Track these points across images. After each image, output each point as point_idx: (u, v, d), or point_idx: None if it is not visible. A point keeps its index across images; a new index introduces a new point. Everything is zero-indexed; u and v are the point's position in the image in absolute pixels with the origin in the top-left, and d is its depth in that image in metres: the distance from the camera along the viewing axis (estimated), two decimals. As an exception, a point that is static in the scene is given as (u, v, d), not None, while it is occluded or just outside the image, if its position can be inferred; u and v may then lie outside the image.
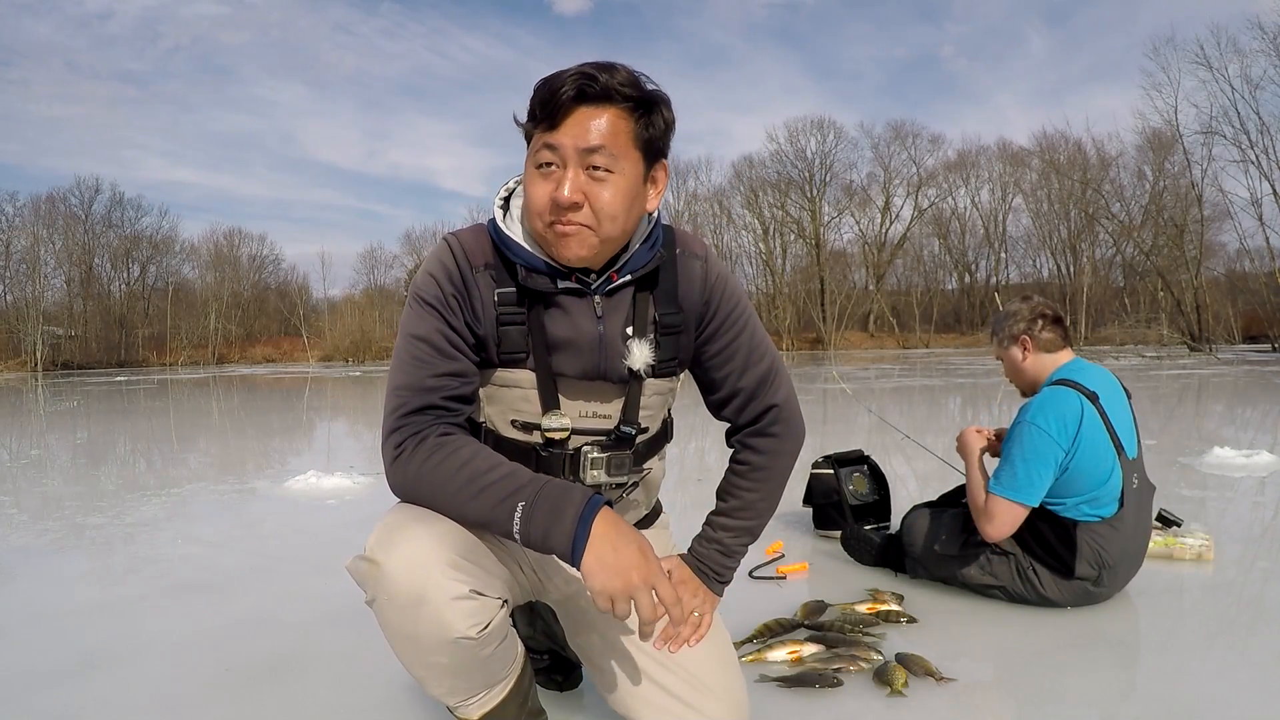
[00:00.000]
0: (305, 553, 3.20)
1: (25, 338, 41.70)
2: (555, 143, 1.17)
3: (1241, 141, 31.50)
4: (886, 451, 5.49)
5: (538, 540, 1.11)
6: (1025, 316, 2.39)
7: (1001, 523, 2.21)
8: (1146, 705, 1.71)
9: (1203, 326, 31.84)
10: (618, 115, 1.18)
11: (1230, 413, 8.39)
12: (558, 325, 1.29)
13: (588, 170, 1.18)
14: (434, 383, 1.23)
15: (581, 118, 1.16)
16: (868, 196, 50.19)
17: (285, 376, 25.93)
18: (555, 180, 1.18)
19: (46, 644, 2.21)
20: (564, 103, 1.15)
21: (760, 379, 1.42)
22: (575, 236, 1.20)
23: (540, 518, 1.10)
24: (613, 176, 1.19)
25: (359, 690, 1.84)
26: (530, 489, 1.12)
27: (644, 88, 1.20)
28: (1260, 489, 4.04)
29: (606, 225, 1.20)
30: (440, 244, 1.31)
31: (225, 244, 53.33)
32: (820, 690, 1.78)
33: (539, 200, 1.20)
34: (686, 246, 1.37)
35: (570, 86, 1.15)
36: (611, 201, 1.19)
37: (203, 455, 6.61)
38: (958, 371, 17.77)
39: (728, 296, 1.39)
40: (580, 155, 1.17)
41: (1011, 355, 2.43)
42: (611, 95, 1.16)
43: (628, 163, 1.20)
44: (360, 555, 1.19)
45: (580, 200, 1.18)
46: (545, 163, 1.19)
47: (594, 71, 1.16)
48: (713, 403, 1.48)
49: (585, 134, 1.16)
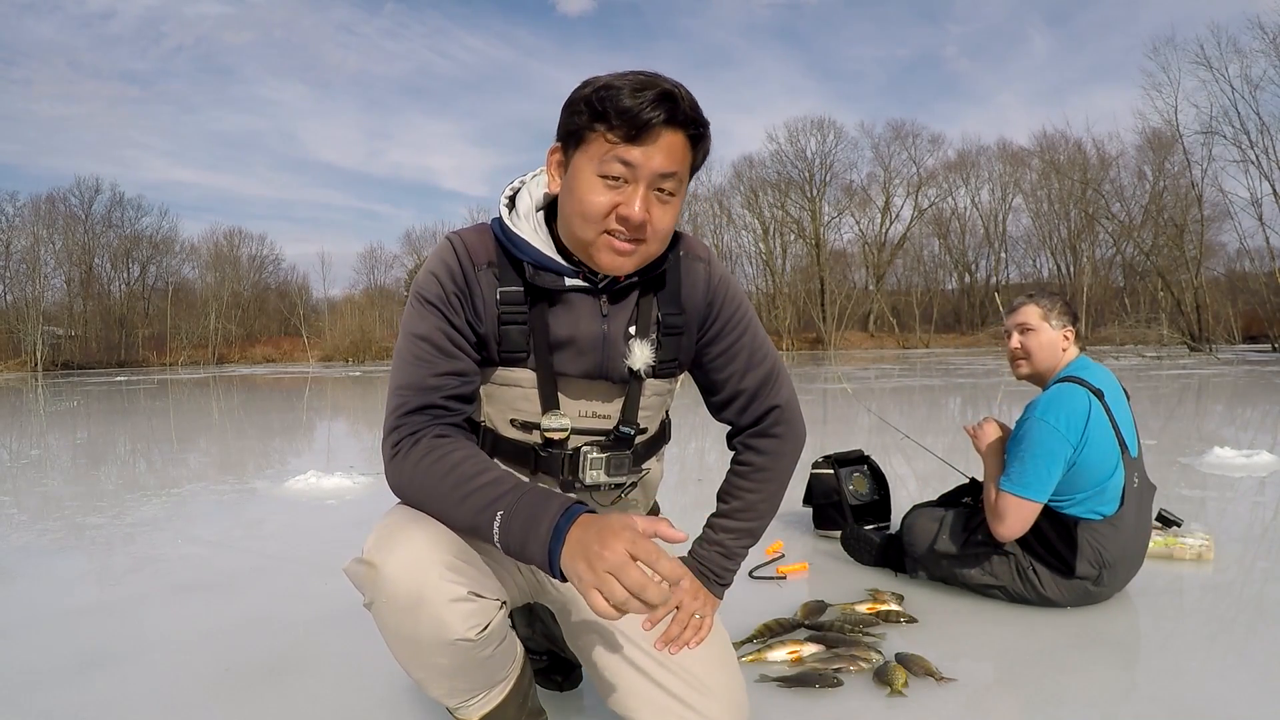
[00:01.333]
0: (305, 553, 3.20)
1: (25, 338, 41.69)
2: (633, 161, 1.16)
3: (1241, 141, 31.57)
4: (886, 451, 5.49)
5: (516, 550, 1.09)
6: (1074, 311, 2.41)
7: (1013, 521, 2.20)
8: (1146, 705, 1.71)
9: (1203, 326, 31.84)
10: (685, 142, 1.19)
11: (1230, 413, 8.39)
12: (561, 323, 1.29)
13: (655, 191, 1.19)
14: (435, 381, 1.23)
15: (666, 143, 1.16)
16: (868, 196, 50.25)
17: (285, 376, 25.93)
18: (623, 195, 1.18)
19: (46, 644, 2.21)
20: (652, 123, 1.14)
21: (762, 380, 1.43)
22: (632, 253, 1.21)
23: (518, 528, 1.08)
24: (674, 200, 1.21)
25: (359, 690, 1.84)
26: (510, 498, 1.10)
27: (704, 116, 1.21)
28: (1260, 489, 4.04)
29: (656, 245, 1.23)
30: (443, 243, 1.31)
31: (225, 244, 53.39)
32: (820, 690, 1.78)
33: (598, 208, 1.18)
34: (690, 249, 1.37)
35: (660, 109, 1.14)
36: (669, 224, 1.22)
37: (203, 455, 6.61)
38: (958, 371, 17.77)
39: (730, 299, 1.40)
40: (655, 178, 1.17)
41: (1052, 336, 2.36)
42: (688, 124, 1.18)
43: (684, 186, 1.23)
44: (358, 558, 1.19)
45: (648, 219, 1.19)
46: (615, 175, 1.17)
47: (675, 93, 1.15)
48: (714, 404, 1.49)
49: (667, 160, 1.17)
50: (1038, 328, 2.38)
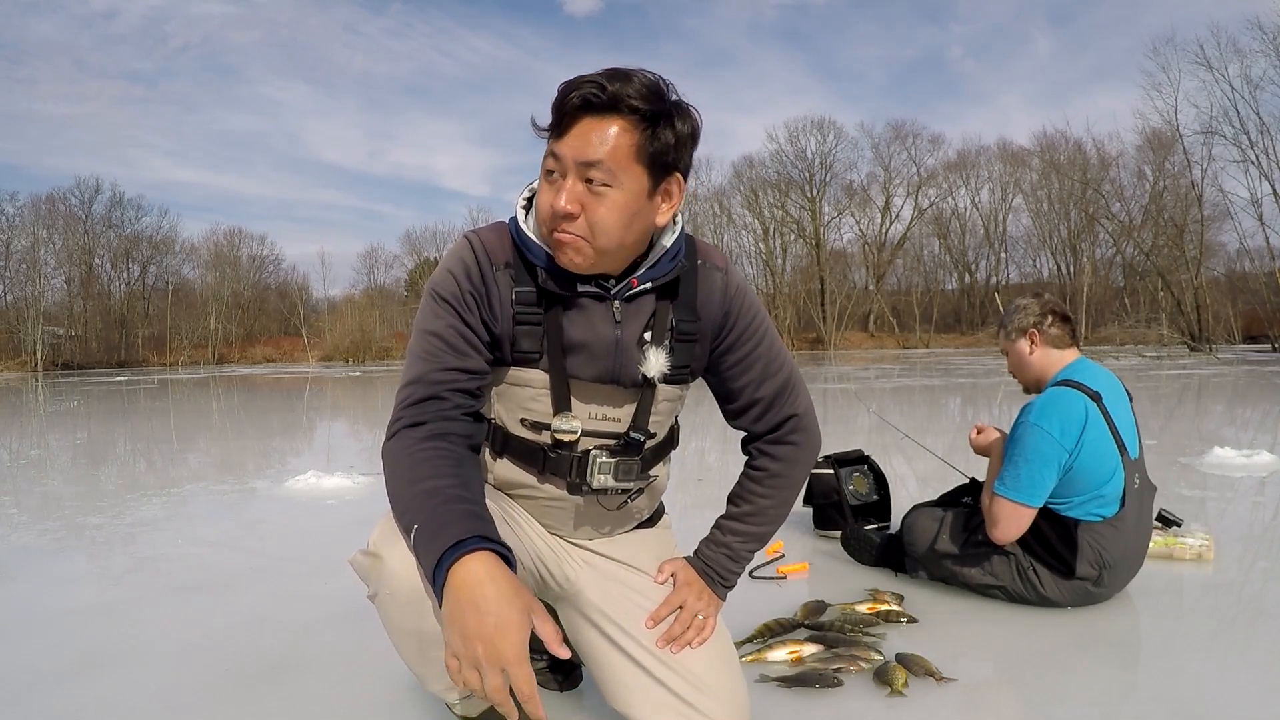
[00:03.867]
0: (305, 553, 3.20)
1: (25, 338, 41.69)
2: (558, 152, 1.16)
3: (1241, 141, 31.55)
4: (886, 451, 5.50)
5: (421, 566, 1.05)
6: (1035, 311, 2.39)
7: (1007, 525, 2.21)
8: (1146, 705, 1.71)
9: (1203, 326, 31.83)
10: (624, 127, 1.14)
11: (1230, 413, 8.39)
12: (575, 327, 1.28)
13: (586, 182, 1.16)
14: (443, 376, 1.22)
15: (584, 129, 1.14)
16: (868, 196, 50.25)
17: (285, 376, 25.93)
18: (557, 188, 1.18)
19: (47, 644, 2.20)
20: (569, 111, 1.14)
21: (779, 389, 1.43)
22: (570, 245, 1.19)
23: (421, 545, 1.04)
24: (610, 191, 1.16)
25: (359, 690, 1.84)
26: (428, 513, 1.06)
27: (657, 99, 1.15)
28: (1260, 489, 4.04)
29: (601, 239, 1.19)
30: (461, 241, 1.30)
31: (225, 244, 53.38)
32: (820, 690, 1.78)
33: (543, 207, 1.21)
34: (708, 258, 1.37)
35: (577, 95, 1.13)
36: (605, 217, 1.17)
37: (203, 455, 6.61)
38: (958, 371, 17.77)
39: (746, 308, 1.39)
40: (579, 167, 1.15)
41: (1018, 348, 2.42)
42: (618, 105, 1.13)
43: (628, 177, 1.16)
44: (363, 550, 1.19)
45: (576, 211, 1.17)
46: (550, 170, 1.18)
47: (604, 80, 1.13)
48: (730, 411, 1.48)
49: (585, 147, 1.14)
50: (1005, 349, 2.49)
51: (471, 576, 0.98)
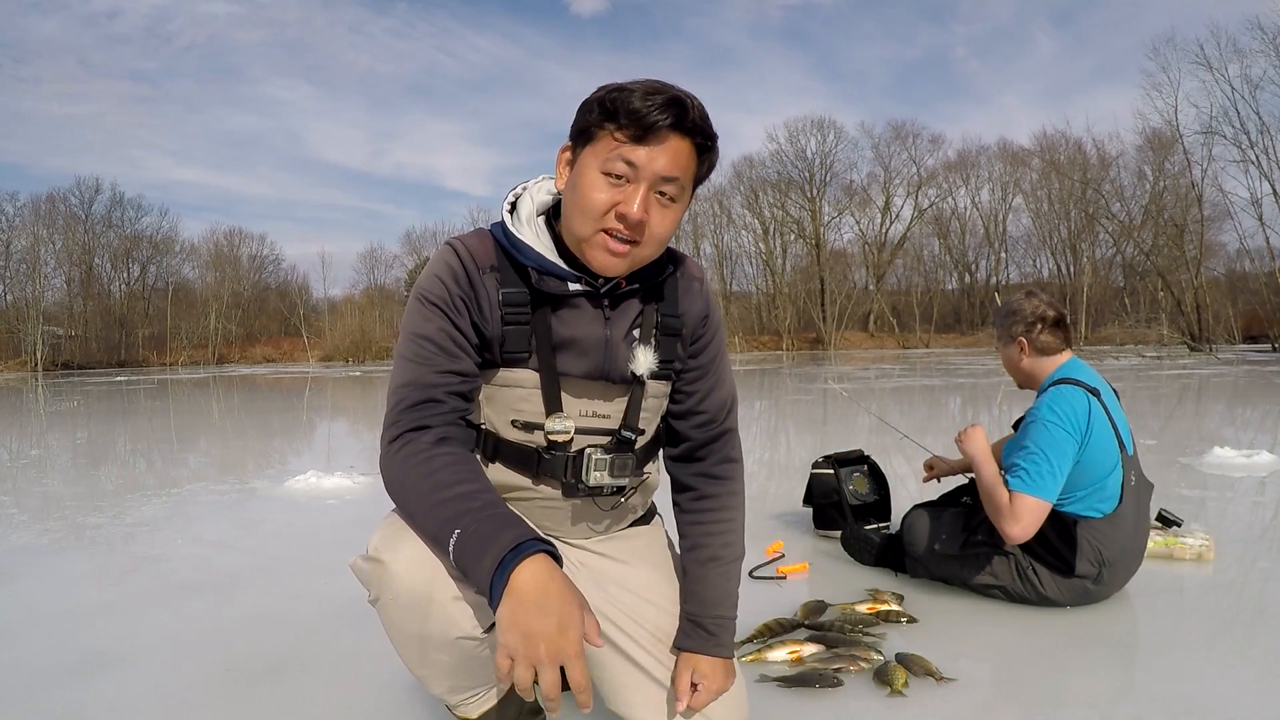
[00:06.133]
0: (305, 553, 3.20)
1: (25, 338, 41.70)
2: (637, 161, 1.17)
3: (1241, 141, 31.58)
4: (886, 451, 5.49)
5: (465, 573, 1.07)
6: (1025, 319, 2.40)
7: (1029, 522, 2.16)
8: (1146, 705, 1.71)
9: (1203, 326, 31.85)
10: (691, 150, 1.20)
11: (1230, 413, 8.39)
12: (565, 325, 1.29)
13: (656, 194, 1.20)
14: (436, 379, 1.22)
15: (670, 146, 1.18)
16: (868, 196, 50.22)
17: (285, 376, 25.93)
18: (623, 194, 1.18)
19: (47, 644, 2.21)
20: (658, 125, 1.16)
21: (724, 403, 1.46)
22: (625, 255, 1.21)
23: (470, 552, 1.05)
24: (674, 206, 1.22)
25: (359, 690, 1.84)
26: (469, 518, 1.07)
27: (713, 129, 1.22)
28: (1260, 489, 4.04)
29: (651, 249, 1.23)
30: (444, 247, 1.30)
31: (225, 244, 53.36)
32: (820, 690, 1.78)
33: (599, 204, 1.19)
34: (688, 270, 1.41)
35: (668, 113, 1.15)
36: (667, 229, 1.23)
37: (203, 455, 6.61)
38: (958, 371, 17.77)
39: (716, 321, 1.44)
40: (657, 180, 1.18)
41: (1009, 353, 2.47)
42: (695, 132, 1.19)
43: (686, 195, 1.24)
44: (364, 555, 1.19)
45: (645, 219, 1.19)
46: (618, 174, 1.18)
47: (686, 101, 1.17)
48: (675, 414, 1.45)
49: (669, 163, 1.18)
50: (999, 352, 2.53)
51: (535, 579, 1.01)
